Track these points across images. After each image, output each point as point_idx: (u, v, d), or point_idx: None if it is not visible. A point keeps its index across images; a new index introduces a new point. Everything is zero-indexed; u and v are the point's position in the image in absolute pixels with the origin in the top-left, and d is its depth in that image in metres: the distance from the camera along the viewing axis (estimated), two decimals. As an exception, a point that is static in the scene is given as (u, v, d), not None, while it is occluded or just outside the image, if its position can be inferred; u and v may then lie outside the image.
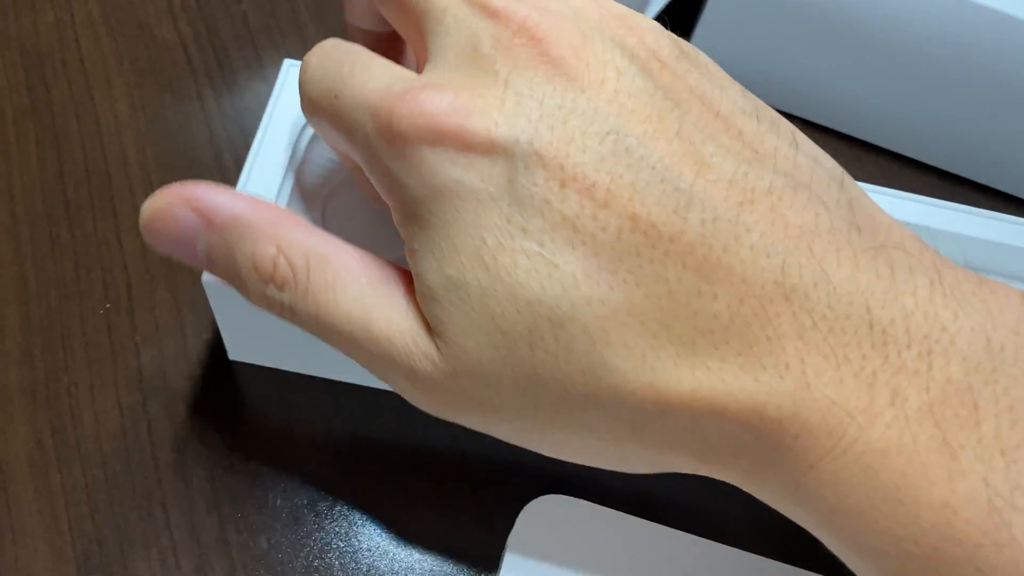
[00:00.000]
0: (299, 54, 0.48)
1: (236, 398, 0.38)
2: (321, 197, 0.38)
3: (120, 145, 0.44)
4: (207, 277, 0.33)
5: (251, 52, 0.48)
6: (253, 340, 0.37)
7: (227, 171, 0.43)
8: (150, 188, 0.43)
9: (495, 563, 0.35)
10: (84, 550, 0.34)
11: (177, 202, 0.25)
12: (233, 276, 0.25)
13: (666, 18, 0.50)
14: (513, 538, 0.35)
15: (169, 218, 0.25)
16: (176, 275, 0.41)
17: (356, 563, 0.35)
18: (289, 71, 0.38)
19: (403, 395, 0.26)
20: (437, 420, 0.38)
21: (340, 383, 0.38)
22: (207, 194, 0.25)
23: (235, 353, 0.38)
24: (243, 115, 0.45)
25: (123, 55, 0.47)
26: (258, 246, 0.24)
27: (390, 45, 0.31)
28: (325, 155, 0.39)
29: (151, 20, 0.48)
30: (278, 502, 0.36)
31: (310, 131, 0.37)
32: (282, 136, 0.36)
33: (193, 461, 0.37)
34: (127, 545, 0.35)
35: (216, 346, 0.39)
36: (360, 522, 0.36)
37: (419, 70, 0.25)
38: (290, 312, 0.25)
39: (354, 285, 0.24)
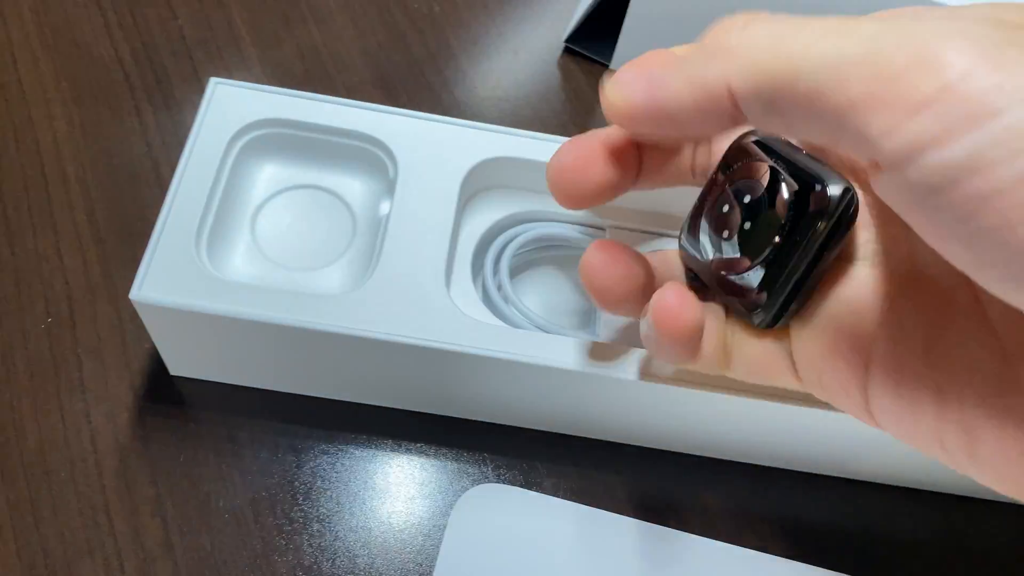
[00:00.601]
0: (236, 67, 0.49)
1: (178, 406, 0.39)
2: (250, 211, 0.39)
3: (59, 162, 0.45)
4: (135, 294, 0.34)
5: (188, 67, 0.49)
6: (191, 355, 0.38)
7: (166, 185, 0.44)
8: (89, 203, 0.44)
9: (436, 552, 0.37)
10: (29, 560, 0.36)
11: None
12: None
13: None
14: (450, 526, 0.37)
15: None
16: (117, 287, 0.42)
17: (299, 560, 0.36)
18: (216, 88, 0.39)
19: None
20: (377, 419, 0.40)
21: (280, 392, 0.40)
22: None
23: (175, 368, 0.39)
24: (181, 129, 0.46)
25: (61, 74, 0.48)
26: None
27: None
28: (254, 170, 0.40)
29: (88, 39, 0.49)
30: (220, 504, 0.37)
31: (238, 146, 0.39)
32: (210, 152, 0.38)
33: (136, 468, 0.38)
34: (72, 552, 0.36)
35: (158, 355, 0.40)
36: (301, 519, 0.37)
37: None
38: None
39: None
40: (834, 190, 0.23)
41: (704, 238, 0.28)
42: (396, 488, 0.38)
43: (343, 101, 0.40)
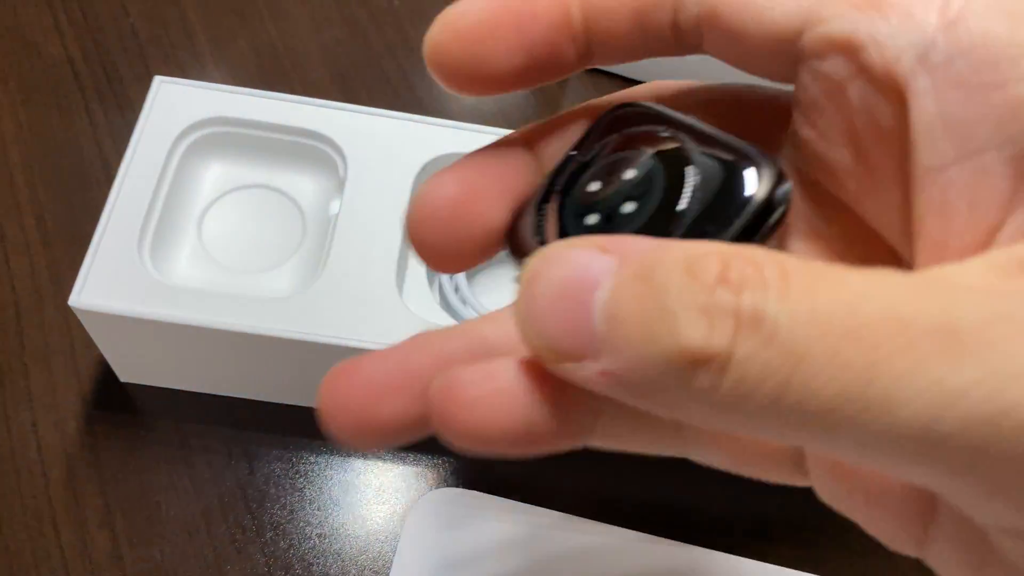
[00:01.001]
0: (190, 65, 0.48)
1: (128, 413, 0.38)
2: (196, 213, 0.38)
3: (6, 164, 0.44)
4: (75, 300, 0.33)
5: (140, 65, 0.48)
6: (139, 362, 0.37)
7: (116, 186, 0.43)
8: (37, 206, 0.43)
9: (392, 559, 0.36)
10: (-28, 573, 0.35)
11: (577, 244, 0.16)
12: (649, 313, 0.14)
13: None
14: (405, 532, 0.36)
15: (567, 260, 0.15)
16: (65, 292, 0.41)
17: (252, 570, 0.36)
18: (160, 87, 0.38)
19: None
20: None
21: (232, 398, 0.39)
22: (601, 240, 0.16)
23: (125, 375, 0.38)
24: (134, 129, 0.45)
25: (9, 73, 0.47)
26: (695, 259, 0.14)
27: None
28: (200, 171, 0.39)
29: (38, 38, 0.48)
30: (171, 513, 0.37)
31: (184, 145, 0.38)
32: (154, 152, 0.37)
33: (84, 478, 0.37)
34: (17, 566, 0.35)
35: (107, 362, 0.39)
36: (255, 528, 0.36)
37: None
38: (770, 328, 0.13)
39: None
40: (766, 174, 0.17)
41: (550, 225, 0.20)
42: (352, 494, 0.38)
43: (291, 98, 0.39)
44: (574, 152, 0.20)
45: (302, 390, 0.38)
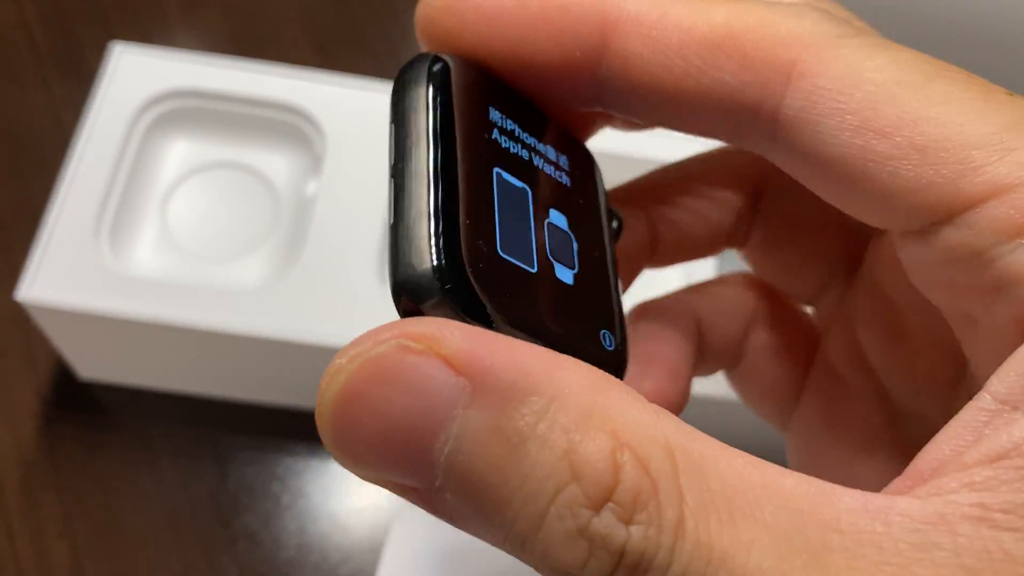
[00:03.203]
0: (156, 31, 0.45)
1: (88, 413, 0.36)
2: (159, 195, 0.35)
3: (-45, 141, 0.41)
4: (23, 294, 0.30)
5: (101, 32, 0.44)
6: (99, 359, 0.34)
7: (76, 164, 0.40)
8: (-10, 187, 0.39)
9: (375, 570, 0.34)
10: (-83, 590, 0.32)
11: (416, 349, 0.12)
12: (511, 491, 0.12)
13: None
14: (390, 541, 0.34)
15: (402, 380, 0.12)
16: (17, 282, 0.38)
17: (222, 582, 0.33)
18: (121, 56, 0.35)
19: None
20: (309, 424, 0.36)
21: (201, 396, 0.36)
22: (459, 338, 0.12)
23: (85, 372, 0.35)
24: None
25: (-42, 41, 0.43)
26: (578, 432, 0.12)
27: None
28: (164, 148, 0.36)
29: (-10, 1, 0.44)
30: (136, 521, 0.34)
31: (146, 121, 0.35)
32: (112, 127, 0.33)
33: (41, 483, 0.34)
34: (-34, 581, 0.32)
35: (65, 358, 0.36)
36: (226, 537, 0.34)
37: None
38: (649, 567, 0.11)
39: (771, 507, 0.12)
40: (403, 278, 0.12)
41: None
42: (332, 500, 0.35)
43: (264, 67, 0.36)
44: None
45: (277, 388, 0.35)
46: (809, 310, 0.20)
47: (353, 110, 0.35)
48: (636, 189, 0.19)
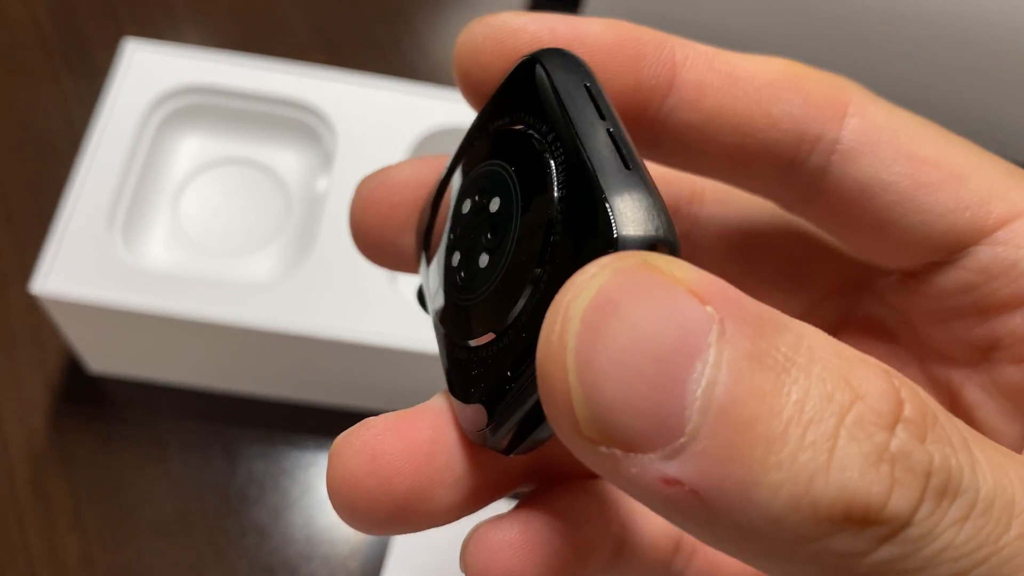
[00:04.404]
0: (166, 28, 0.45)
1: (98, 407, 0.36)
2: (171, 191, 0.35)
3: (-33, 136, 0.41)
4: (38, 287, 0.31)
5: (112, 29, 0.44)
6: (110, 352, 0.34)
7: (86, 160, 0.40)
8: (1, 181, 0.40)
9: (382, 564, 0.34)
10: (-71, 581, 0.32)
11: (663, 271, 0.11)
12: (786, 421, 0.10)
13: None
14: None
15: (654, 297, 0.11)
16: (29, 275, 0.38)
17: (234, 574, 0.33)
18: (134, 53, 0.35)
19: None
20: (318, 418, 0.36)
21: (211, 390, 0.36)
22: (695, 272, 0.11)
23: (95, 365, 0.36)
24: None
25: (-30, 37, 0.43)
26: (842, 359, 0.11)
27: None
28: (176, 144, 0.36)
29: (1, -3, 0.45)
30: (146, 514, 0.34)
31: (158, 116, 0.35)
32: (126, 123, 0.34)
33: (52, 476, 0.34)
34: (-22, 572, 0.32)
35: (76, 351, 0.36)
36: (236, 530, 0.34)
37: None
38: (968, 502, 0.11)
39: None
40: (627, 233, 0.12)
41: (434, 265, 0.16)
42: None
43: (275, 64, 0.36)
44: (478, 126, 0.15)
45: (286, 382, 0.35)
46: None
47: (363, 107, 0.35)
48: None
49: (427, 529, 0.15)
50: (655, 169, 0.15)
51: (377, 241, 0.17)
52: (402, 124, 0.35)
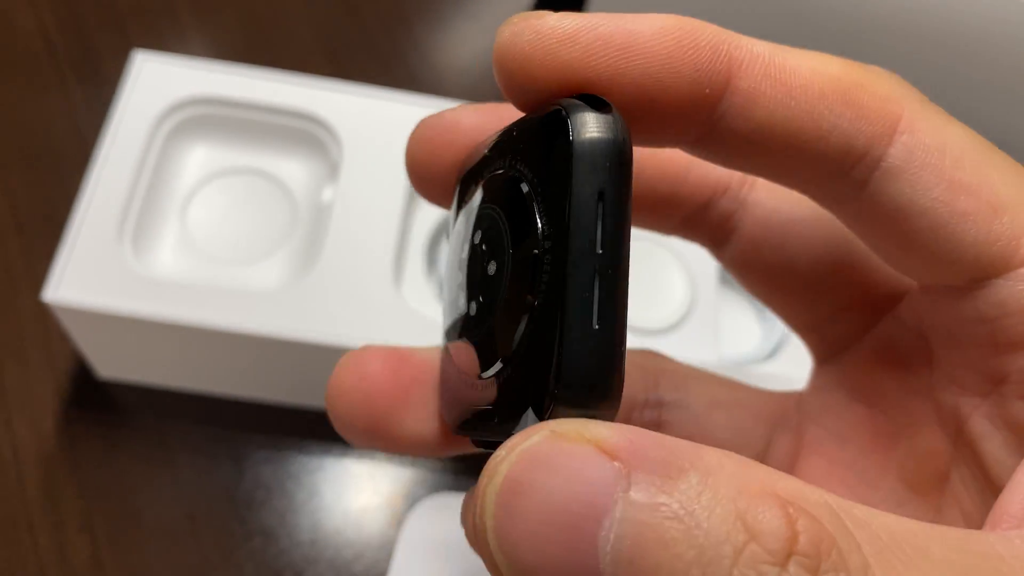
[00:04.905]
0: (172, 39, 0.45)
1: (108, 411, 0.36)
2: (180, 200, 0.36)
3: (-23, 144, 0.41)
4: (50, 295, 0.31)
5: (119, 39, 0.45)
6: (119, 358, 0.35)
7: (94, 168, 0.41)
8: (10, 189, 0.40)
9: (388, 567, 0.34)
10: (-59, 583, 0.33)
11: (569, 437, 0.12)
12: (687, 564, 0.11)
13: None
14: (401, 539, 0.34)
15: (561, 467, 0.12)
16: (39, 283, 0.38)
17: (239, 574, 0.34)
18: (141, 63, 0.36)
19: None
20: (323, 424, 0.37)
21: (218, 396, 0.37)
22: (604, 427, 0.12)
23: (104, 371, 0.36)
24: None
25: (-21, 47, 0.44)
26: (743, 498, 0.12)
27: None
28: (184, 154, 0.37)
29: (9, 7, 0.45)
30: (154, 517, 0.35)
31: (167, 127, 0.35)
32: (135, 133, 0.34)
33: (62, 479, 0.35)
34: (-11, 574, 0.33)
35: (84, 357, 0.37)
36: (242, 533, 0.35)
37: None
38: None
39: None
40: (563, 393, 0.13)
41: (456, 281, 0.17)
42: (345, 498, 0.36)
43: (281, 76, 0.36)
44: (511, 133, 0.16)
45: (293, 389, 0.36)
46: None
47: (369, 118, 0.36)
48: None
49: (400, 453, 0.18)
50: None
51: (428, 174, 0.19)
52: (406, 135, 0.36)
